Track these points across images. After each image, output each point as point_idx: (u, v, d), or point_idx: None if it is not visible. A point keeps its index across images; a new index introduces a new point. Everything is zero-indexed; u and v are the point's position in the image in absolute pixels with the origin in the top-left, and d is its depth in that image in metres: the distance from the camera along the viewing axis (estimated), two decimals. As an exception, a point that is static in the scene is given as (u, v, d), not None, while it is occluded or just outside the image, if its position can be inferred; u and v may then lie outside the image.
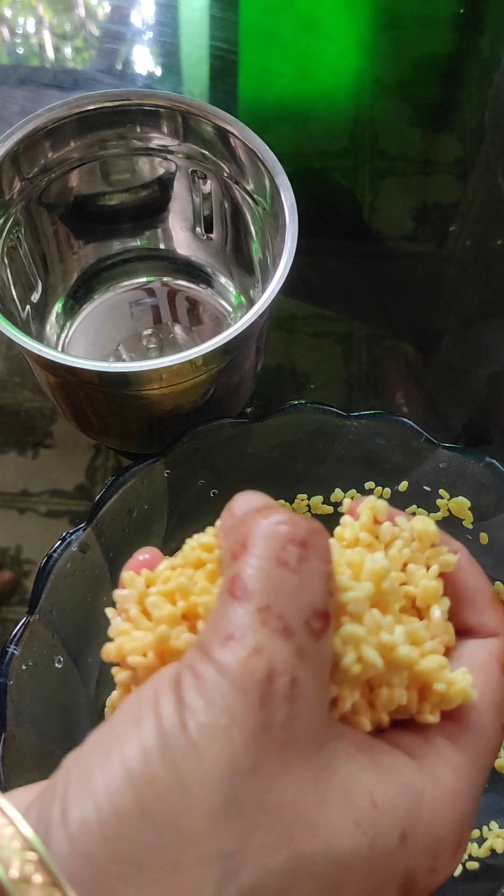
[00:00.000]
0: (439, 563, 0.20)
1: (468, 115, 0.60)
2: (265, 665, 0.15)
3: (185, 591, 0.19)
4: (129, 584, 0.19)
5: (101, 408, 0.38)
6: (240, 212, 0.41)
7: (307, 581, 0.16)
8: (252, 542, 0.16)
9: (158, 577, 0.20)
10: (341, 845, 0.15)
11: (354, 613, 0.17)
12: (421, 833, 0.16)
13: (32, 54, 0.61)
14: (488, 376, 0.50)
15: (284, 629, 0.15)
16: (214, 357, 0.33)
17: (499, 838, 0.35)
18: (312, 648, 0.16)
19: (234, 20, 0.62)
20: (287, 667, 0.15)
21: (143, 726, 0.14)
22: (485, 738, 0.18)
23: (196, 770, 0.14)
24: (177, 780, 0.14)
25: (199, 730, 0.14)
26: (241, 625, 0.15)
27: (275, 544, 0.16)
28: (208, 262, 0.46)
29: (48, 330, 0.45)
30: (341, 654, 0.17)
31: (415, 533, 0.21)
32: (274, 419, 0.38)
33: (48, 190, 0.39)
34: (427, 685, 0.18)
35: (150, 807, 0.13)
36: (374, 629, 0.17)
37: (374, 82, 0.61)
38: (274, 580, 0.16)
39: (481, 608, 0.20)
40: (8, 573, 0.44)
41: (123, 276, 0.47)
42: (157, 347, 0.46)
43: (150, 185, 0.43)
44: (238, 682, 0.15)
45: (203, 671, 0.15)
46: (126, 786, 0.14)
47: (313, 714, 0.15)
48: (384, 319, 0.52)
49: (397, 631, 0.18)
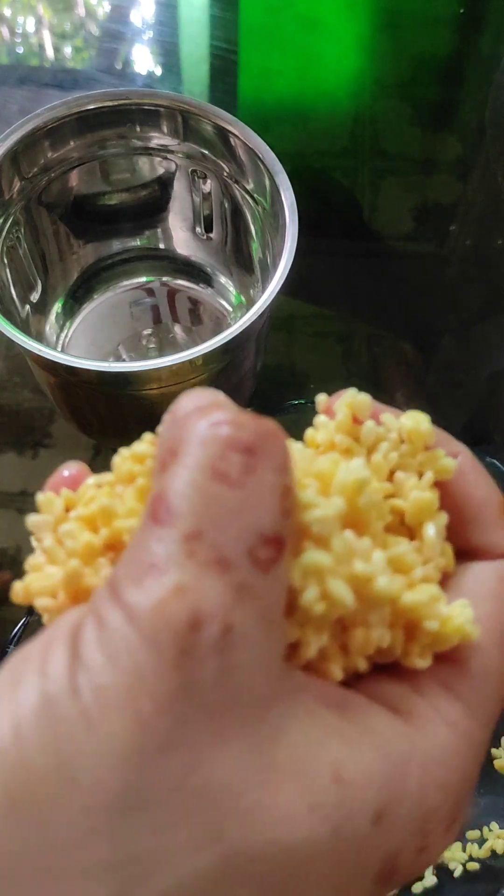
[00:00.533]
0: (434, 470, 0.16)
1: (468, 115, 0.60)
2: (188, 609, 0.11)
3: (110, 515, 0.15)
4: (46, 507, 0.16)
5: (100, 408, 0.38)
6: (240, 211, 0.41)
7: (253, 498, 0.12)
8: (184, 450, 0.13)
9: (81, 499, 0.16)
10: (291, 836, 0.11)
11: (320, 537, 0.14)
12: (405, 808, 0.13)
13: (32, 54, 0.61)
14: (488, 376, 0.50)
15: (218, 561, 0.12)
16: (214, 357, 0.33)
17: (499, 839, 0.35)
18: (258, 584, 0.12)
19: (234, 20, 0.62)
20: (219, 609, 0.11)
21: (21, 691, 0.11)
22: (490, 685, 0.14)
23: (85, 749, 0.10)
24: (58, 764, 0.10)
25: (95, 695, 0.11)
26: (162, 557, 0.12)
27: (211, 451, 0.12)
28: (208, 262, 0.46)
29: (48, 330, 0.45)
30: (300, 590, 0.13)
31: (404, 433, 0.17)
32: (274, 419, 0.38)
33: (48, 189, 0.39)
34: (416, 622, 0.14)
35: (19, 801, 0.10)
36: (345, 557, 0.14)
37: (375, 82, 0.61)
38: (207, 498, 0.12)
39: (487, 524, 0.16)
40: (8, 573, 0.44)
41: (123, 276, 0.47)
42: (156, 347, 0.46)
43: (149, 185, 0.43)
44: (150, 633, 0.11)
45: (109, 618, 0.11)
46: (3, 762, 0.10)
47: (257, 668, 0.12)
48: (384, 319, 0.52)
49: (376, 557, 0.14)
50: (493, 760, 0.37)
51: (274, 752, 0.12)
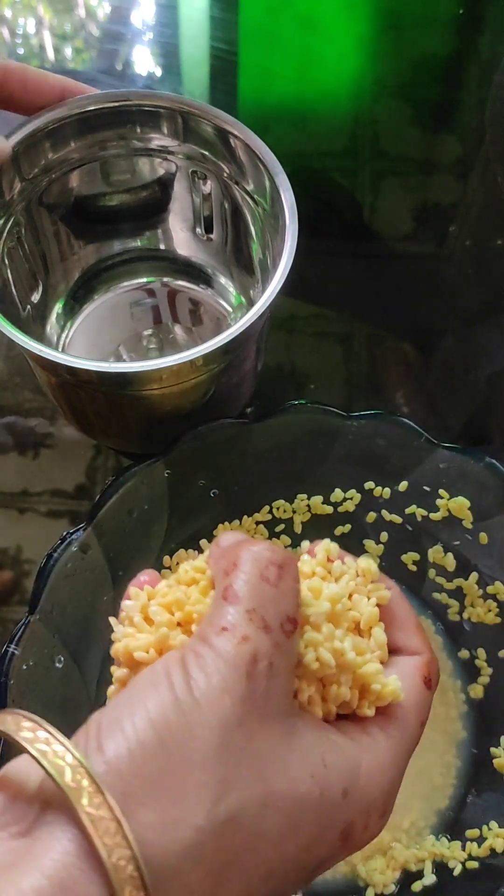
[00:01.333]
0: (377, 596, 0.25)
1: (468, 115, 0.60)
2: (251, 650, 0.20)
3: (181, 604, 0.23)
4: (135, 597, 0.24)
5: (101, 408, 0.38)
6: (240, 212, 0.41)
7: (283, 593, 0.21)
8: (241, 562, 0.21)
9: (157, 592, 0.24)
10: (300, 789, 0.20)
11: (315, 624, 0.22)
12: (358, 793, 0.21)
13: (32, 55, 0.61)
14: (488, 376, 0.50)
15: (265, 626, 0.20)
16: (215, 357, 0.33)
17: (499, 838, 0.35)
18: (285, 643, 0.21)
19: (234, 20, 0.62)
20: (267, 653, 0.20)
21: (160, 689, 0.19)
22: (409, 731, 0.23)
23: (200, 720, 0.18)
24: (186, 725, 0.18)
25: (202, 693, 0.19)
26: (233, 620, 0.20)
27: (259, 564, 0.21)
28: (208, 263, 0.46)
29: (49, 330, 0.45)
30: (303, 654, 0.22)
31: (359, 570, 0.26)
32: (274, 419, 0.38)
33: (49, 190, 0.39)
34: (366, 686, 0.23)
35: (167, 742, 0.18)
36: (330, 637, 0.22)
37: (375, 82, 0.61)
38: (258, 590, 0.21)
39: (409, 632, 0.25)
40: (8, 573, 0.44)
41: (124, 277, 0.47)
42: (157, 348, 0.46)
43: (150, 186, 0.43)
44: (231, 661, 0.19)
45: (203, 653, 0.20)
46: (148, 727, 0.18)
47: (283, 692, 0.20)
48: (384, 319, 0.52)
49: (346, 641, 0.23)
50: (493, 759, 0.37)
51: (290, 742, 0.20)
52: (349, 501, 0.40)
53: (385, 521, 0.40)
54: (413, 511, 0.39)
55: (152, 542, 0.38)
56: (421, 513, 0.39)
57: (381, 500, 0.40)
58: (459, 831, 0.36)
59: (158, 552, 0.38)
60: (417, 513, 0.39)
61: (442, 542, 0.39)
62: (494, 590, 0.38)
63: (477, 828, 0.36)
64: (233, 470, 0.39)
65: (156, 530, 0.38)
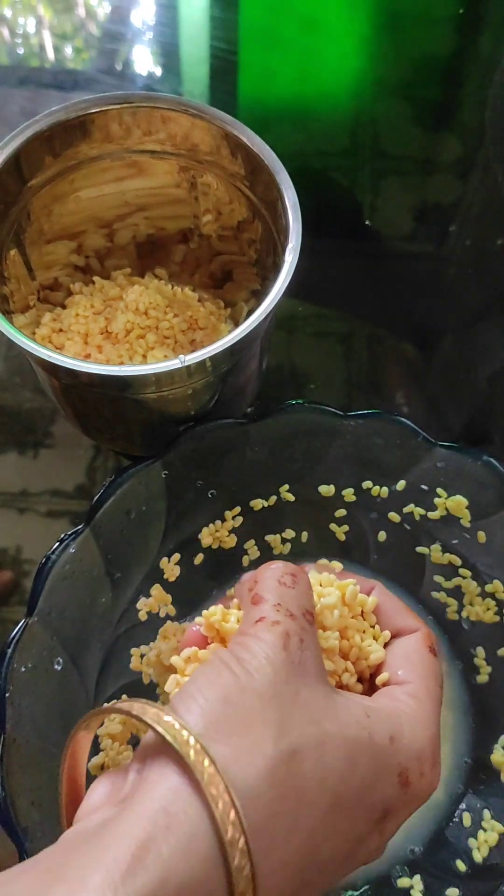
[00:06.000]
0: (370, 600, 0.31)
1: (468, 115, 0.60)
2: (283, 629, 0.24)
3: (226, 633, 0.29)
4: (206, 621, 0.30)
5: (104, 410, 0.38)
6: (242, 212, 0.41)
7: (300, 593, 0.26)
8: (262, 577, 0.27)
9: None
10: (350, 731, 0.23)
11: (325, 615, 0.29)
12: (405, 741, 0.24)
13: (32, 54, 0.61)
14: (488, 376, 0.50)
15: (291, 615, 0.25)
16: (222, 359, 0.33)
17: (498, 837, 0.35)
18: (308, 627, 0.25)
19: (234, 20, 0.62)
20: (297, 632, 0.24)
21: (220, 671, 0.23)
22: (432, 693, 0.27)
23: (253, 684, 0.23)
24: (243, 689, 0.22)
25: (251, 666, 0.23)
26: (264, 613, 0.25)
27: (276, 574, 0.27)
28: (208, 263, 0.46)
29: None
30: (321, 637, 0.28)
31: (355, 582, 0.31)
32: (271, 419, 0.38)
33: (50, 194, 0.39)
34: (366, 657, 0.29)
35: (231, 700, 0.22)
36: (341, 623, 0.29)
37: (375, 82, 0.61)
38: (279, 591, 0.26)
39: (402, 615, 0.30)
40: (8, 573, 0.44)
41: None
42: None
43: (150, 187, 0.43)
44: (269, 640, 0.24)
45: (245, 641, 0.24)
46: (215, 696, 0.22)
47: (316, 662, 0.25)
48: (384, 319, 0.52)
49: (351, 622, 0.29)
50: (492, 757, 0.37)
51: (333, 698, 0.24)
52: (347, 501, 0.40)
53: (383, 521, 0.40)
54: (411, 510, 0.39)
55: (150, 543, 0.38)
56: (419, 512, 0.39)
57: (379, 500, 0.40)
58: (459, 830, 0.36)
59: (156, 554, 0.38)
60: (415, 512, 0.39)
61: (440, 541, 0.39)
62: (493, 588, 0.38)
63: (476, 826, 0.36)
64: (230, 470, 0.39)
65: (153, 531, 0.38)
